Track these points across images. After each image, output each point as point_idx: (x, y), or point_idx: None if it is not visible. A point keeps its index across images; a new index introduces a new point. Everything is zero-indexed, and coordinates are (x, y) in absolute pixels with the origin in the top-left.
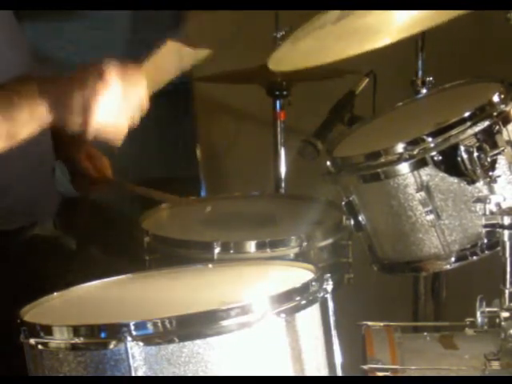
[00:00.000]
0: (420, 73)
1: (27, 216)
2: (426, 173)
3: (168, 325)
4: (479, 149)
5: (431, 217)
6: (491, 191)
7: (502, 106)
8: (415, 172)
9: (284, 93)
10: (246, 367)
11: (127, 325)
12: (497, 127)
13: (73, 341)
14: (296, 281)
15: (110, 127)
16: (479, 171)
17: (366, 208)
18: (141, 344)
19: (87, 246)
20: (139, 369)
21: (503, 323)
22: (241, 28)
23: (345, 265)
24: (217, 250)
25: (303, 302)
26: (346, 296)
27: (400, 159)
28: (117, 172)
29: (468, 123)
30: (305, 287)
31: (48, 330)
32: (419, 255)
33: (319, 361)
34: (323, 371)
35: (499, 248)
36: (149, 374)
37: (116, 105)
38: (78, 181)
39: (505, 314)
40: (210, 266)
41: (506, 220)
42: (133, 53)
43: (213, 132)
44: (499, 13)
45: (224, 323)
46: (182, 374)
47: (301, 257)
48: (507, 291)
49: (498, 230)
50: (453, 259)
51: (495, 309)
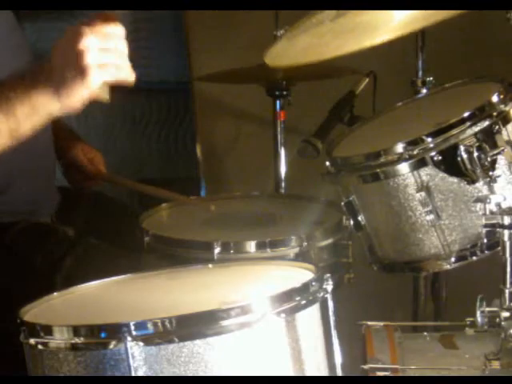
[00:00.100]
0: (420, 73)
1: (27, 213)
2: (426, 173)
3: (168, 325)
4: (479, 149)
5: (431, 217)
6: (491, 191)
7: (502, 106)
8: (415, 172)
9: (284, 93)
10: (246, 367)
11: (127, 325)
12: (496, 127)
13: (73, 341)
14: (296, 281)
15: (113, 73)
16: (479, 171)
17: (366, 208)
18: (141, 344)
19: (87, 247)
20: (139, 369)
21: (503, 323)
22: (241, 28)
23: (345, 265)
24: (217, 250)
25: (303, 302)
26: (346, 296)
27: (400, 159)
28: (117, 172)
29: (468, 123)
30: (305, 287)
31: (48, 330)
32: (419, 255)
33: (319, 361)
34: (323, 371)
35: (499, 248)
36: (149, 374)
37: (104, 52)
38: (73, 175)
39: (505, 314)
40: (210, 266)
41: (506, 220)
42: (133, 52)
43: (213, 132)
44: (499, 13)
45: (224, 323)
46: (182, 374)
47: (301, 257)
48: (507, 291)
49: (498, 230)
50: (453, 259)
51: (495, 308)
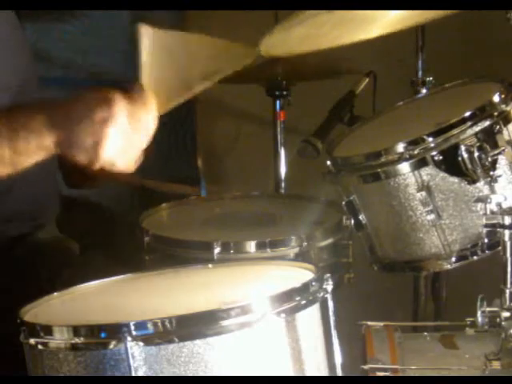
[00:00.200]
0: (420, 73)
1: (31, 218)
2: (427, 172)
3: (168, 325)
4: (480, 149)
5: (432, 216)
6: (492, 191)
7: (503, 106)
8: (416, 172)
9: (284, 93)
10: (246, 367)
11: (127, 325)
12: (497, 127)
13: (73, 341)
14: (296, 281)
15: (120, 159)
16: (480, 171)
17: (367, 208)
18: (141, 344)
19: (87, 247)
20: (139, 369)
21: (504, 323)
22: (241, 28)
23: (345, 265)
24: (217, 250)
25: (303, 302)
26: (346, 296)
27: (400, 159)
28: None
29: (468, 123)
30: (305, 287)
31: (48, 330)
32: (420, 255)
33: (319, 361)
34: (323, 371)
35: (500, 248)
36: (149, 374)
37: (125, 138)
38: (72, 176)
39: (505, 314)
40: (210, 266)
41: (507, 220)
42: (133, 52)
43: (213, 132)
44: (499, 13)
45: (224, 323)
46: (182, 374)
47: (301, 257)
48: (508, 291)
49: (499, 230)
50: (453, 259)
51: (496, 308)
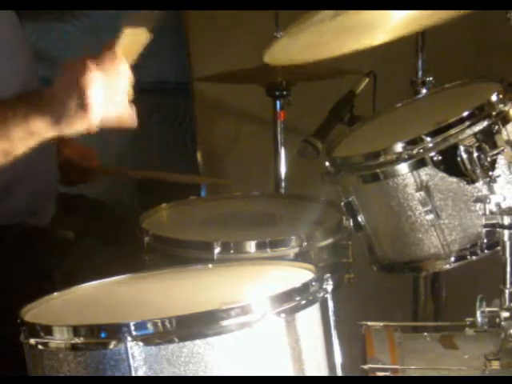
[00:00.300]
0: (420, 73)
1: (29, 214)
2: (426, 173)
3: (168, 325)
4: (479, 149)
5: (431, 216)
6: (491, 191)
7: (501, 106)
8: (414, 172)
9: (284, 93)
10: (246, 367)
11: (127, 325)
12: (496, 127)
13: (73, 341)
14: (296, 281)
15: (113, 111)
16: (479, 171)
17: (366, 208)
18: (141, 344)
19: (87, 247)
20: (139, 369)
21: (503, 323)
22: (241, 28)
23: (345, 265)
24: (217, 250)
25: (303, 302)
26: (346, 296)
27: (399, 159)
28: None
29: (467, 123)
30: (305, 287)
31: (48, 330)
32: (419, 255)
33: (319, 361)
34: (323, 371)
35: (499, 248)
36: (149, 374)
37: (107, 90)
38: (68, 174)
39: (505, 314)
40: (210, 266)
41: (506, 220)
42: None
43: (213, 132)
44: (499, 13)
45: (224, 323)
46: (182, 374)
47: (301, 257)
48: (507, 291)
49: (498, 230)
50: (452, 259)
51: (495, 309)
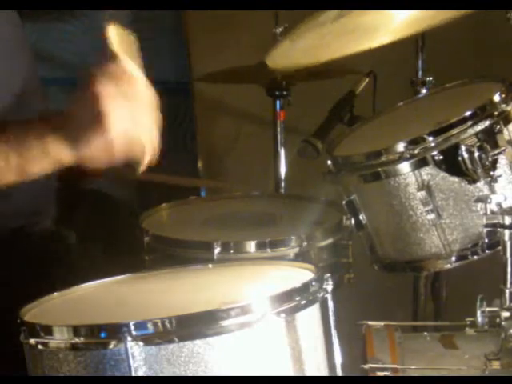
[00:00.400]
0: (420, 73)
1: (30, 216)
2: (427, 172)
3: (168, 325)
4: (480, 148)
5: (432, 216)
6: (492, 191)
7: (503, 106)
8: (416, 171)
9: (284, 93)
10: (246, 367)
11: (127, 325)
12: (498, 127)
13: (73, 341)
14: (296, 281)
15: (136, 139)
16: (480, 171)
17: (367, 207)
18: (141, 344)
19: (87, 247)
20: (139, 369)
21: (503, 323)
22: (241, 28)
23: (345, 265)
24: (217, 250)
25: (303, 302)
26: (346, 296)
27: (401, 158)
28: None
29: (469, 123)
30: (305, 287)
31: (48, 330)
32: (420, 254)
33: (319, 361)
34: (323, 371)
35: (500, 248)
36: (149, 374)
37: (124, 99)
38: (69, 173)
39: (505, 314)
40: (210, 266)
41: (507, 220)
42: None
43: (213, 132)
44: (499, 13)
45: (224, 323)
46: (182, 374)
47: (301, 257)
48: (508, 291)
49: (499, 230)
50: (453, 258)
51: (496, 308)
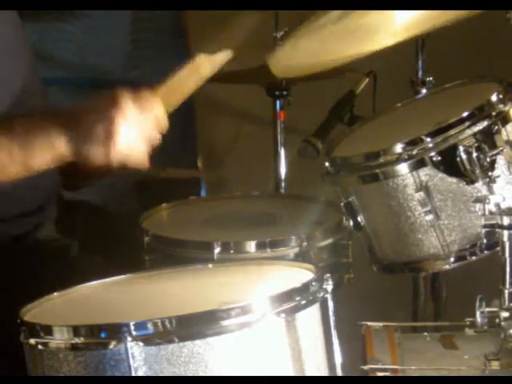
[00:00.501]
0: (420, 73)
1: (33, 220)
2: (425, 173)
3: (168, 325)
4: (478, 149)
5: (430, 217)
6: (490, 191)
7: (501, 106)
8: (414, 172)
9: (284, 93)
10: (246, 367)
11: (127, 325)
12: (496, 127)
13: (73, 341)
14: (296, 281)
15: (133, 154)
16: (478, 171)
17: (365, 209)
18: (141, 344)
19: (87, 247)
20: (139, 369)
21: (503, 323)
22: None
23: (345, 265)
24: (217, 250)
25: (303, 302)
26: (346, 296)
27: (399, 159)
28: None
29: (467, 123)
30: (305, 287)
31: (48, 330)
32: (418, 255)
33: (319, 361)
34: (323, 371)
35: (498, 248)
36: (149, 374)
37: (135, 132)
38: (69, 175)
39: (504, 314)
40: (210, 266)
41: (506, 220)
42: (133, 52)
43: (213, 132)
44: (499, 13)
45: (224, 323)
46: (182, 374)
47: (301, 257)
48: (507, 291)
49: (498, 230)
50: (452, 259)
51: (495, 309)
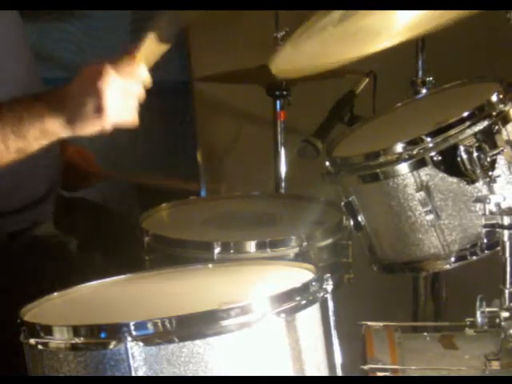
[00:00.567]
0: (420, 73)
1: (31, 216)
2: (426, 173)
3: (168, 325)
4: (479, 149)
5: (431, 217)
6: (491, 191)
7: (501, 106)
8: (415, 172)
9: (284, 93)
10: (246, 367)
11: (127, 325)
12: (496, 127)
13: (73, 341)
14: (296, 281)
15: (123, 115)
16: (479, 171)
17: (366, 208)
18: (141, 344)
19: (87, 247)
20: (139, 369)
21: (503, 323)
22: (241, 28)
23: (345, 265)
24: (217, 250)
25: (303, 302)
26: (346, 296)
27: (399, 159)
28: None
29: (467, 123)
30: (305, 287)
31: (48, 330)
32: (419, 255)
33: (319, 361)
34: (323, 371)
35: (499, 248)
36: (149, 374)
37: (122, 96)
38: (69, 177)
39: (505, 314)
40: (210, 266)
41: (506, 220)
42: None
43: (213, 132)
44: (499, 13)
45: (224, 323)
46: (182, 374)
47: (301, 257)
48: (507, 291)
49: (498, 230)
50: (452, 259)
51: (495, 309)
